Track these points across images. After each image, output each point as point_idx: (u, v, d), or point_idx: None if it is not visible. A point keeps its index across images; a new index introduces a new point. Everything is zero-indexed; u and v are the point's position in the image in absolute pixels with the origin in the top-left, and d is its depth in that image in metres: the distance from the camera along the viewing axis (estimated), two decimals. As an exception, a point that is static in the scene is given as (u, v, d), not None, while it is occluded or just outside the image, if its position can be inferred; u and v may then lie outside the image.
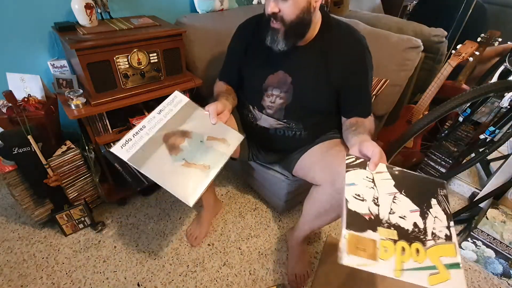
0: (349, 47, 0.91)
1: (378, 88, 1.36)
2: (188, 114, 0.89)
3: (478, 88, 1.09)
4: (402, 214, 0.67)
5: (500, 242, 1.19)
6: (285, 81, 0.95)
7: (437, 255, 0.62)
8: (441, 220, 0.68)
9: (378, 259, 0.60)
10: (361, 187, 0.69)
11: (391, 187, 0.71)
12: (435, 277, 0.60)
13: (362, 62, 0.91)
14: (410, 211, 0.68)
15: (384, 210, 0.67)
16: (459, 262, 0.62)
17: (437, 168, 1.52)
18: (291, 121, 1.02)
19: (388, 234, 0.64)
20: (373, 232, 0.63)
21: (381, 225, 0.65)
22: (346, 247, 0.61)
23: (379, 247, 0.62)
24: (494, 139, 1.30)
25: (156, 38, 1.16)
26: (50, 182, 1.17)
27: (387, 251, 0.62)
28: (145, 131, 0.82)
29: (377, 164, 0.72)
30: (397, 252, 0.62)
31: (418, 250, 0.63)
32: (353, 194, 0.68)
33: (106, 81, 1.13)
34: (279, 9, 0.79)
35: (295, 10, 0.79)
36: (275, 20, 0.82)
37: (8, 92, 1.02)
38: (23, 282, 1.12)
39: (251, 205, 1.50)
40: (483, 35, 1.37)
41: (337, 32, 0.91)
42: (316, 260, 1.25)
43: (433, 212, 0.69)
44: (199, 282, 1.15)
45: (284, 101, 0.98)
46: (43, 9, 1.18)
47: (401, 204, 0.68)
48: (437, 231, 0.66)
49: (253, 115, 1.08)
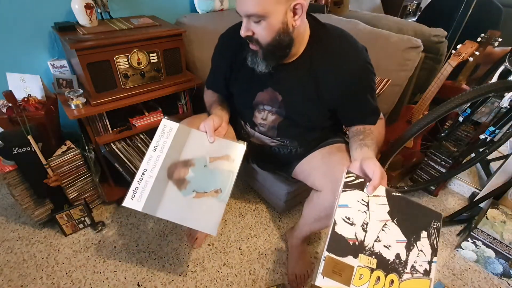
0: (345, 64, 0.81)
1: (379, 88, 1.36)
2: (183, 140, 0.84)
3: (478, 88, 1.09)
4: (388, 244, 0.66)
5: (500, 242, 1.19)
6: (275, 98, 0.89)
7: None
8: (425, 255, 0.67)
9: (351, 285, 0.61)
10: (353, 210, 0.68)
11: (384, 214, 0.69)
12: None
13: (361, 80, 0.82)
14: (397, 241, 0.67)
15: (370, 237, 0.66)
16: None
17: (437, 168, 1.52)
18: (285, 139, 0.98)
19: (368, 262, 0.64)
20: (353, 259, 0.64)
21: (363, 252, 0.65)
22: (322, 269, 0.61)
23: (355, 273, 0.62)
24: (494, 139, 1.30)
25: (156, 38, 1.16)
26: (50, 182, 1.17)
27: (362, 279, 0.62)
28: (148, 174, 0.80)
29: (376, 187, 0.69)
30: (371, 281, 0.62)
31: (392, 281, 0.63)
32: (344, 216, 0.67)
33: (106, 81, 1.13)
34: (253, 32, 0.73)
35: (270, 33, 0.72)
36: (250, 42, 0.76)
37: (8, 92, 1.02)
38: (23, 282, 1.12)
39: (251, 205, 1.50)
40: (483, 35, 1.36)
41: (327, 43, 0.81)
42: (316, 260, 1.25)
43: (419, 245, 0.68)
44: (199, 282, 1.15)
45: (276, 118, 0.93)
46: (43, 9, 1.18)
47: (389, 232, 0.67)
48: (418, 265, 0.65)
49: (245, 132, 1.04)
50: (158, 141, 0.83)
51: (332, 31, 0.84)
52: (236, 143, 0.87)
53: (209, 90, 1.08)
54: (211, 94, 1.06)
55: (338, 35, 0.83)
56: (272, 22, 0.70)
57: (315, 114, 0.90)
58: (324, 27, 0.83)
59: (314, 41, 0.81)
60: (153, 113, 1.32)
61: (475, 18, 1.79)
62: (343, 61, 0.81)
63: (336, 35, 0.83)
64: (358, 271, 0.63)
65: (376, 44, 1.38)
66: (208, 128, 0.85)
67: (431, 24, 1.48)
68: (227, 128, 0.93)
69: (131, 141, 1.30)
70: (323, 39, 0.82)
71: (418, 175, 1.62)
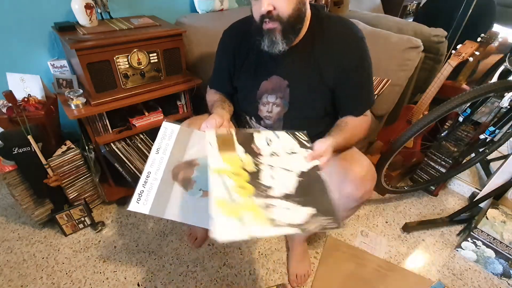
0: (341, 41, 0.84)
1: (379, 88, 1.36)
2: (185, 141, 0.84)
3: (478, 88, 1.09)
4: (276, 184, 0.69)
5: (500, 242, 1.19)
6: (280, 85, 0.90)
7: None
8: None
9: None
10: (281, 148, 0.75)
11: (296, 170, 0.73)
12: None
13: (356, 57, 0.85)
14: (285, 193, 0.68)
15: (268, 173, 0.71)
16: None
17: (437, 168, 1.52)
18: None
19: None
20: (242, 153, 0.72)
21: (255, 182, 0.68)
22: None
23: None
24: (494, 139, 1.30)
25: (156, 38, 1.16)
26: (50, 182, 1.17)
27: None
28: (152, 177, 0.79)
29: (314, 158, 0.73)
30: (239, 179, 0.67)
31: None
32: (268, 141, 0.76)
33: (106, 81, 1.13)
34: (274, 6, 0.74)
35: (291, 3, 0.74)
36: (270, 20, 0.76)
37: (8, 92, 1.02)
38: (23, 282, 1.12)
39: (251, 205, 1.50)
40: (483, 35, 1.37)
41: (327, 26, 0.84)
42: (316, 260, 1.25)
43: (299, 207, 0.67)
44: (199, 282, 1.15)
45: (281, 109, 0.93)
46: (43, 9, 1.18)
47: (286, 181, 0.70)
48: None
49: (250, 127, 1.04)
50: (160, 143, 0.82)
51: (330, 14, 0.87)
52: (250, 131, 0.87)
53: (212, 90, 1.08)
54: (214, 94, 1.06)
55: (338, 19, 0.87)
56: None
57: (318, 98, 0.91)
58: (323, 12, 0.86)
59: (314, 23, 0.84)
60: (153, 113, 1.32)
61: (470, 16, 1.79)
62: (338, 37, 0.84)
63: (336, 18, 0.87)
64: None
65: (376, 44, 1.38)
66: (210, 127, 0.85)
67: (428, 23, 1.49)
68: (228, 126, 0.94)
69: (131, 141, 1.30)
70: (323, 22, 0.84)
71: (418, 175, 1.62)
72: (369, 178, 0.84)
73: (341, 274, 1.20)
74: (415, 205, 1.55)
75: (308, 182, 0.72)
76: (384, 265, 1.24)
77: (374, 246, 1.32)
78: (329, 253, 1.27)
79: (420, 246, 1.34)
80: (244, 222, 0.60)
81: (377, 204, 1.55)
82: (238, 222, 0.60)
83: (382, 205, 1.54)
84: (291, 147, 0.77)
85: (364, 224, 1.42)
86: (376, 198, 1.58)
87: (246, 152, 0.74)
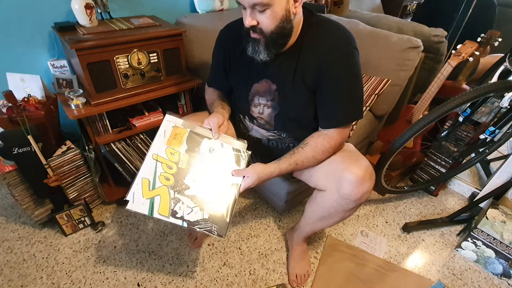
0: (327, 47, 0.80)
1: (379, 88, 1.36)
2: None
3: (478, 88, 1.09)
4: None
5: (500, 242, 1.19)
6: (270, 89, 0.91)
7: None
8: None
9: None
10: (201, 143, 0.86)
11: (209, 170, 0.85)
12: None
13: (339, 65, 0.80)
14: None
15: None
16: None
17: (437, 168, 1.52)
18: (282, 132, 0.99)
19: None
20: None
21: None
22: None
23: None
24: (494, 139, 1.30)
25: (156, 38, 1.16)
26: (50, 182, 1.17)
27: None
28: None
29: (239, 175, 0.84)
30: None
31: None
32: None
33: (106, 81, 1.13)
34: (257, 21, 0.75)
35: (274, 21, 0.74)
36: (253, 32, 0.78)
37: (8, 92, 1.02)
38: (23, 282, 1.12)
39: (251, 205, 1.50)
40: (483, 35, 1.37)
41: (317, 32, 0.82)
42: (316, 260, 1.25)
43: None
44: (199, 282, 1.15)
45: (272, 111, 0.94)
46: (43, 9, 1.18)
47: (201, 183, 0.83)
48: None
49: (244, 126, 1.06)
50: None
51: (323, 19, 0.85)
52: (237, 141, 0.90)
53: (210, 88, 1.10)
54: (212, 92, 1.08)
55: (331, 25, 0.84)
56: (276, 9, 0.72)
57: (305, 103, 0.89)
58: (317, 16, 0.85)
59: (305, 29, 0.83)
60: (153, 113, 1.32)
61: (470, 16, 1.79)
62: (325, 39, 0.82)
63: (328, 25, 0.84)
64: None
65: (376, 44, 1.38)
66: (213, 125, 0.87)
67: (425, 23, 1.49)
68: (228, 125, 0.94)
69: (131, 141, 1.30)
70: (313, 27, 0.83)
71: (418, 175, 1.62)
72: (367, 179, 0.83)
73: (341, 274, 1.20)
74: (415, 205, 1.55)
75: (220, 193, 0.81)
76: (384, 265, 1.24)
77: (374, 246, 1.32)
78: (329, 253, 1.27)
79: (420, 246, 1.34)
80: (153, 203, 0.75)
81: (377, 204, 1.55)
82: (148, 201, 0.75)
83: (382, 205, 1.54)
84: (226, 161, 0.86)
85: (364, 224, 1.42)
86: (376, 198, 1.58)
87: (187, 151, 0.83)
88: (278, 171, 0.86)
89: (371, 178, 0.84)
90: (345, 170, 0.83)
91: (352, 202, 0.86)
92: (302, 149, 0.87)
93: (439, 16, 1.96)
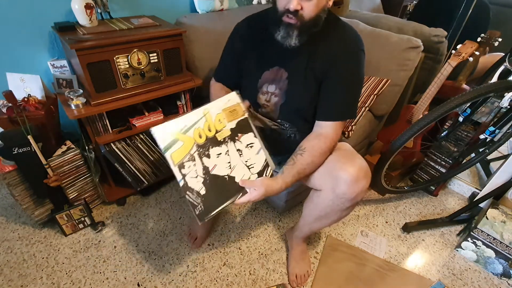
0: (339, 41, 0.88)
1: (379, 88, 1.36)
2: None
3: (478, 88, 1.09)
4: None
5: (500, 242, 1.19)
6: (281, 77, 0.94)
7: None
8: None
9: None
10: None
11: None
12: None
13: (350, 59, 0.87)
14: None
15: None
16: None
17: (437, 168, 1.52)
18: (285, 122, 1.01)
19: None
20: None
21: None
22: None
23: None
24: (494, 139, 1.30)
25: (156, 38, 1.16)
26: (50, 182, 1.17)
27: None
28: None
29: (245, 185, 0.85)
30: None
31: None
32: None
33: (106, 81, 1.13)
34: (302, 6, 0.78)
35: (316, 8, 0.78)
36: (294, 16, 0.79)
37: (8, 92, 1.02)
38: (23, 282, 1.13)
39: (251, 205, 1.50)
40: (483, 35, 1.37)
41: (334, 29, 0.89)
42: (316, 260, 1.25)
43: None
44: (199, 282, 1.15)
45: (279, 100, 0.97)
46: (43, 9, 1.18)
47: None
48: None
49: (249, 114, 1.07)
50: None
51: (339, 18, 0.92)
52: (272, 160, 0.91)
53: (217, 84, 1.11)
54: (219, 88, 1.09)
55: (344, 24, 0.90)
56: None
57: (311, 94, 0.92)
58: (332, 14, 0.90)
59: (324, 25, 0.86)
60: (153, 113, 1.32)
61: (461, 18, 1.79)
62: (338, 37, 0.88)
63: (342, 23, 0.90)
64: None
65: (376, 44, 1.38)
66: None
67: (422, 22, 1.49)
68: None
69: (131, 141, 1.30)
70: (331, 25, 0.88)
71: (418, 175, 1.63)
72: (362, 177, 0.83)
73: (341, 274, 1.20)
74: (415, 205, 1.55)
75: (226, 187, 0.82)
76: (384, 265, 1.24)
77: (374, 246, 1.32)
78: (329, 253, 1.27)
79: (420, 246, 1.34)
80: (173, 145, 0.75)
81: (377, 204, 1.55)
82: (171, 140, 0.74)
83: (382, 205, 1.54)
84: (252, 165, 0.87)
85: (364, 224, 1.42)
86: (376, 198, 1.58)
87: (232, 130, 0.85)
88: (285, 186, 0.85)
89: (366, 177, 0.85)
90: (340, 169, 0.84)
91: (347, 201, 0.87)
92: (301, 156, 0.87)
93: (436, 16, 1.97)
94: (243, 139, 0.86)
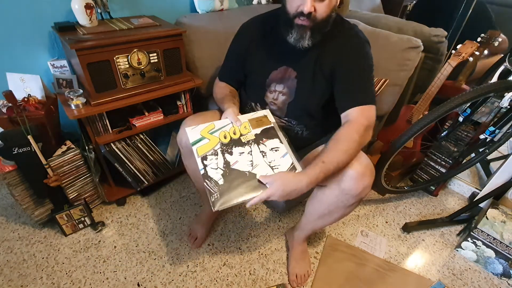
0: (345, 37, 0.91)
1: (378, 88, 1.36)
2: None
3: (478, 88, 1.09)
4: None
5: (500, 242, 1.19)
6: (289, 76, 0.96)
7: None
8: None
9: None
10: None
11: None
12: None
13: (357, 49, 0.90)
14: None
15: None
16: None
17: (437, 168, 1.52)
18: (292, 119, 1.02)
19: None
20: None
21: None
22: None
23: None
24: (494, 139, 1.30)
25: (156, 38, 1.16)
26: (50, 182, 1.17)
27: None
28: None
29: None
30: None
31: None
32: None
33: (106, 81, 1.13)
34: (315, 8, 0.79)
35: (328, 9, 0.81)
36: (306, 18, 0.80)
37: (8, 92, 1.02)
38: (23, 282, 1.13)
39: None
40: (483, 35, 1.36)
41: (342, 29, 0.92)
42: (316, 260, 1.25)
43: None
44: (199, 282, 1.15)
45: (287, 98, 0.98)
46: (43, 9, 1.18)
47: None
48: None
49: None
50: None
51: (343, 18, 0.94)
52: (299, 164, 0.89)
53: (222, 83, 1.11)
54: (224, 87, 1.10)
55: (348, 23, 0.94)
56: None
57: (319, 92, 0.94)
58: (339, 15, 0.93)
59: (332, 25, 0.89)
60: (153, 113, 1.32)
61: (461, 18, 1.79)
62: (344, 34, 0.91)
63: (346, 22, 0.94)
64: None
65: (376, 44, 1.37)
66: (232, 117, 0.92)
67: (420, 21, 1.49)
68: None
69: (131, 141, 1.30)
70: (338, 24, 0.91)
71: (418, 175, 1.62)
72: (367, 174, 0.84)
73: (341, 274, 1.20)
74: (415, 205, 1.55)
75: (246, 183, 0.83)
76: (384, 265, 1.24)
77: (374, 246, 1.32)
78: (329, 253, 1.27)
79: (420, 246, 1.34)
80: (200, 140, 0.87)
81: (377, 204, 1.55)
82: (199, 137, 0.88)
83: (382, 205, 1.54)
84: (277, 167, 0.87)
85: (364, 224, 1.42)
86: (376, 198, 1.58)
87: (257, 135, 0.92)
88: (308, 179, 0.77)
89: (371, 174, 0.86)
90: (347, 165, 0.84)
91: (352, 198, 0.87)
92: (325, 147, 0.83)
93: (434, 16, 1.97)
94: (268, 143, 0.91)
